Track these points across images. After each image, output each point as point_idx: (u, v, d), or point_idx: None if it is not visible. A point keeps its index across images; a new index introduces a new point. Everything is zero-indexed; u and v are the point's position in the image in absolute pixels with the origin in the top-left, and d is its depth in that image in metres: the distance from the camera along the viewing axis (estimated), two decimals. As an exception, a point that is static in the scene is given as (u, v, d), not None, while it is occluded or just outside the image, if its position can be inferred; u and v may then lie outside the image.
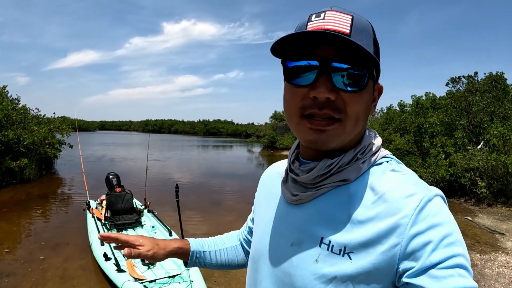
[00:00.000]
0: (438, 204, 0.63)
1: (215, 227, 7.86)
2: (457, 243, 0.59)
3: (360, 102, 0.66)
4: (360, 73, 0.64)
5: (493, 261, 5.98)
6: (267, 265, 0.79)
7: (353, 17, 0.65)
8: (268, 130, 39.99)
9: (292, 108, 0.69)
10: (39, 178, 13.39)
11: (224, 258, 1.09)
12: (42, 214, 8.69)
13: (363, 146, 0.73)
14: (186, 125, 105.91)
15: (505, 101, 13.21)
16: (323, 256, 0.67)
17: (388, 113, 20.85)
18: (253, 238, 0.91)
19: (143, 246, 0.93)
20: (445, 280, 0.55)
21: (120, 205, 6.56)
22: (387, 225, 0.62)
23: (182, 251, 1.02)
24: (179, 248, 1.01)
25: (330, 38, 0.61)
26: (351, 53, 0.62)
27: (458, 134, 12.49)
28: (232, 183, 14.35)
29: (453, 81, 15.13)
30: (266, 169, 1.02)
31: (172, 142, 47.44)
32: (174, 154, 27.86)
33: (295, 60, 0.66)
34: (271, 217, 0.83)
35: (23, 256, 5.84)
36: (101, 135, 66.41)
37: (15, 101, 15.19)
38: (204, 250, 1.07)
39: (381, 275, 0.62)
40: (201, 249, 1.06)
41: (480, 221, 8.63)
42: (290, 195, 0.77)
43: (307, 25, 0.65)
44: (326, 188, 0.71)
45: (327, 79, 0.63)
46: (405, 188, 0.65)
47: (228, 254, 1.10)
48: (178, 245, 1.01)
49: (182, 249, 1.02)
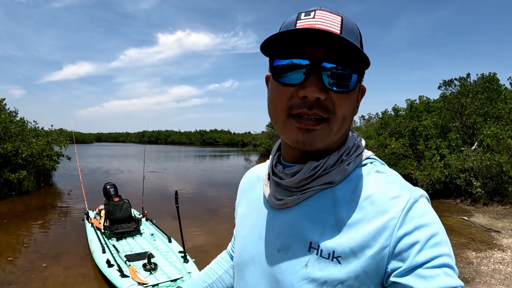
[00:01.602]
0: (424, 205, 0.63)
1: (213, 234, 7.92)
2: (443, 243, 0.60)
3: (349, 103, 0.66)
4: (350, 73, 0.64)
5: (489, 258, 6.06)
6: (253, 272, 0.77)
7: (343, 18, 0.65)
8: (265, 139, 39.98)
9: (278, 107, 0.67)
10: (37, 190, 13.37)
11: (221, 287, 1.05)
12: (41, 225, 8.71)
13: (347, 147, 0.72)
14: (183, 135, 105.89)
15: (498, 101, 13.39)
16: (313, 260, 0.66)
17: (383, 117, 20.99)
18: (236, 246, 0.88)
19: None
20: (432, 279, 0.56)
21: (118, 214, 6.63)
22: (374, 227, 0.62)
23: None
24: None
25: (321, 37, 0.61)
26: (341, 53, 0.62)
27: (452, 136, 12.64)
28: (229, 191, 14.32)
29: (446, 84, 15.33)
30: (244, 174, 1.00)
31: (169, 153, 47.28)
32: (170, 165, 27.83)
33: (284, 59, 0.65)
34: (254, 222, 0.81)
35: (24, 265, 5.87)
36: (98, 147, 66.17)
37: (13, 114, 15.23)
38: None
39: (370, 277, 0.63)
40: None
41: (476, 220, 8.72)
42: (274, 200, 0.75)
43: (296, 23, 0.64)
44: (312, 192, 0.70)
45: (317, 79, 0.62)
46: (390, 189, 0.66)
47: (224, 281, 1.05)
48: None
49: None
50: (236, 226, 0.93)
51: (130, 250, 5.61)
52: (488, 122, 12.34)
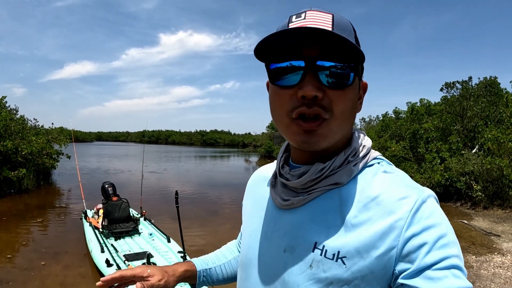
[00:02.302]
0: (432, 206, 0.63)
1: (213, 235, 7.89)
2: (451, 244, 0.59)
3: (347, 100, 0.66)
4: (345, 70, 0.64)
5: (489, 262, 6.04)
6: (258, 272, 0.77)
7: (334, 16, 0.65)
8: (265, 140, 39.98)
9: (280, 110, 0.67)
10: (37, 189, 13.38)
11: (229, 271, 1.06)
12: (40, 223, 8.71)
13: (353, 148, 0.72)
14: (183, 136, 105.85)
15: (499, 105, 13.39)
16: (317, 261, 0.66)
17: (383, 120, 21.00)
18: (242, 245, 0.88)
19: (153, 276, 0.85)
20: (440, 281, 0.56)
21: (117, 214, 6.62)
22: (381, 228, 0.62)
23: (189, 273, 0.98)
24: (186, 271, 0.97)
25: (313, 35, 0.61)
26: (335, 50, 0.62)
27: (453, 139, 12.63)
28: (229, 192, 14.34)
29: (448, 87, 15.31)
30: (252, 174, 1.01)
31: (169, 153, 47.32)
32: (171, 165, 27.83)
33: (279, 62, 0.65)
34: (260, 222, 0.81)
35: (23, 264, 5.87)
36: (98, 146, 66.18)
37: (14, 112, 15.24)
38: (210, 267, 1.03)
39: (377, 278, 0.62)
40: (206, 267, 1.03)
41: (476, 224, 8.70)
42: (280, 200, 0.75)
43: (288, 25, 0.65)
44: (318, 192, 0.70)
45: (313, 78, 0.62)
46: (398, 189, 0.65)
47: (233, 266, 1.06)
48: (185, 268, 0.97)
49: (189, 271, 0.98)
50: (242, 225, 0.93)
51: (128, 249, 5.59)
52: (489, 125, 12.33)
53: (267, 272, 0.75)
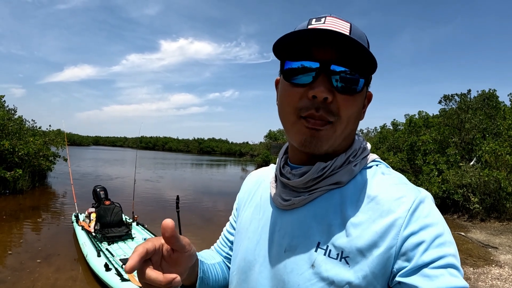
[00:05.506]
0: (429, 206, 0.64)
1: (207, 243, 7.67)
2: (448, 243, 0.60)
3: (354, 106, 0.67)
4: (357, 77, 0.66)
5: (486, 274, 6.00)
6: (259, 273, 0.75)
7: (351, 25, 0.67)
8: (262, 149, 40.04)
9: (289, 107, 0.68)
10: (32, 190, 13.27)
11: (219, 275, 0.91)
12: (33, 225, 8.61)
13: (354, 149, 0.73)
14: (180, 143, 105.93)
15: (497, 118, 13.47)
16: (320, 261, 0.66)
17: (381, 132, 21.06)
18: (238, 248, 0.84)
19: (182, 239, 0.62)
20: (437, 279, 0.56)
21: (109, 218, 6.54)
22: (381, 227, 0.63)
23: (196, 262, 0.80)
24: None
25: (331, 39, 0.63)
26: (349, 56, 0.64)
27: (450, 151, 12.64)
28: (225, 200, 14.30)
29: (446, 99, 15.40)
30: (246, 177, 1.00)
31: (166, 160, 47.16)
32: (167, 173, 27.65)
33: (294, 60, 0.67)
34: (259, 224, 0.80)
35: (14, 265, 5.77)
36: (95, 151, 65.98)
37: (12, 112, 15.18)
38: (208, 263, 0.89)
39: (377, 277, 0.62)
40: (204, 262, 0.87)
41: (473, 236, 8.66)
42: (281, 200, 0.75)
43: (307, 27, 0.66)
44: (319, 192, 0.71)
45: (325, 80, 0.64)
46: (396, 190, 0.67)
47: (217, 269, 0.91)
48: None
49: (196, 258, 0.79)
50: (236, 228, 0.91)
51: (123, 254, 5.52)
52: (487, 138, 12.36)
53: (268, 273, 0.74)
